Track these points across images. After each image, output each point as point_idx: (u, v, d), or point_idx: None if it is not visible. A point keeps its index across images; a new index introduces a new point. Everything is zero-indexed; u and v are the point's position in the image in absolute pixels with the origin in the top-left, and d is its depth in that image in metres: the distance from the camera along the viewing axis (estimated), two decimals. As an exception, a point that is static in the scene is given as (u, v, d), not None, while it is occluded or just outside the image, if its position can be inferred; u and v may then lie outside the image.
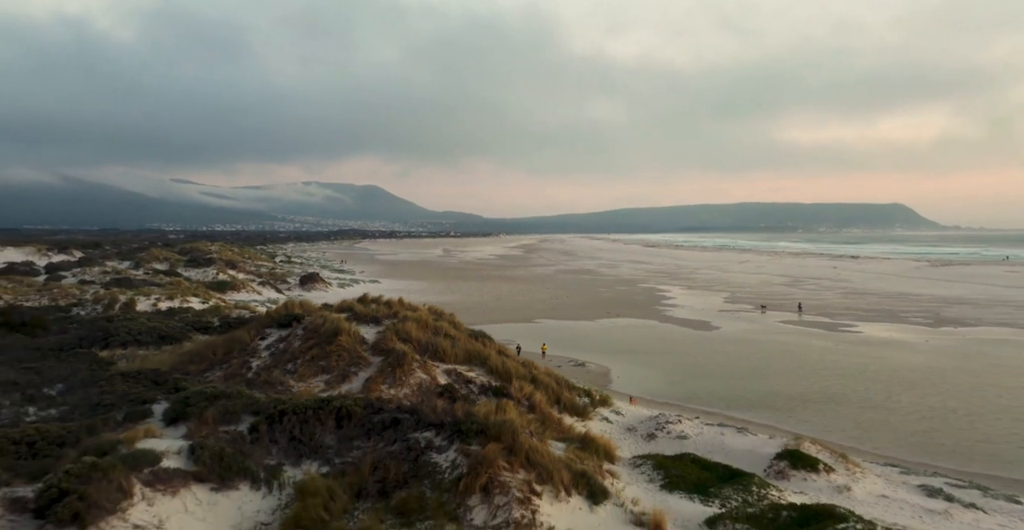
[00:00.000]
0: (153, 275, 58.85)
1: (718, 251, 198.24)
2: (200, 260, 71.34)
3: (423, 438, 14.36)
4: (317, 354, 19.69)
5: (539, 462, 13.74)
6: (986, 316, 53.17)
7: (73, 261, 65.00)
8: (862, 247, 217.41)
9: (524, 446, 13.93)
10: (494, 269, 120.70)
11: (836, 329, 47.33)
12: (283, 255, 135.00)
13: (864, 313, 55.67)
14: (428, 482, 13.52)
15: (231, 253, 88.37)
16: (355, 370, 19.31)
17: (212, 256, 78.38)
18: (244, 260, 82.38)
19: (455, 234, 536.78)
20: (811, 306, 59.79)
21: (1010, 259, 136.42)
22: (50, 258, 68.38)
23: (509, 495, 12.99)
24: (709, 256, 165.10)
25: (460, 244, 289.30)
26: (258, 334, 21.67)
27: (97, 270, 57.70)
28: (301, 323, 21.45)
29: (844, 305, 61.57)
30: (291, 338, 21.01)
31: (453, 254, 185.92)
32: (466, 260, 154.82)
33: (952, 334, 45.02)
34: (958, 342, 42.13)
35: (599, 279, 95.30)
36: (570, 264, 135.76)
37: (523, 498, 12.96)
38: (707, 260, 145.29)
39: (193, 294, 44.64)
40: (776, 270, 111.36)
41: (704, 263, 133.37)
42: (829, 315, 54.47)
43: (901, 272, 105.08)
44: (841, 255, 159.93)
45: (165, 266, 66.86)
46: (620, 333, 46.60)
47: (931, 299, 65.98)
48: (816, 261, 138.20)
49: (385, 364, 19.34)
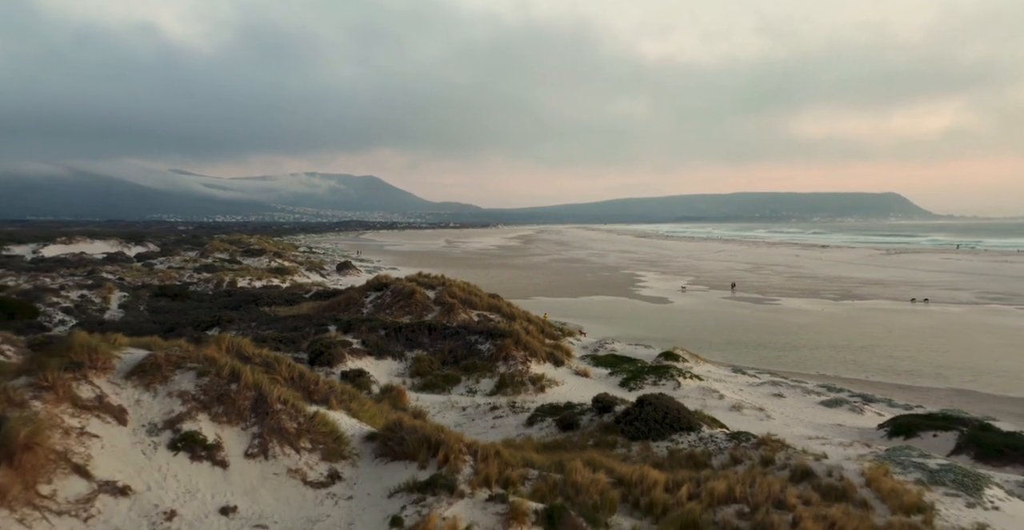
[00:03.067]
0: (220, 263, 72.92)
1: (702, 241, 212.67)
2: (253, 251, 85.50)
3: (473, 338, 28.69)
4: (402, 305, 33.98)
5: (530, 347, 28.08)
6: (883, 293, 67.59)
7: (156, 251, 79.02)
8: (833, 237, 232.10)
9: (523, 340, 28.28)
10: (495, 258, 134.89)
11: (761, 302, 61.70)
12: (304, 246, 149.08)
13: (792, 291, 70.07)
14: (476, 357, 27.87)
15: (267, 244, 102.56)
16: (426, 313, 33.59)
17: (254, 247, 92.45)
18: (283, 251, 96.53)
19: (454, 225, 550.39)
20: (753, 287, 74.17)
21: (960, 247, 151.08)
22: (131, 249, 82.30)
23: (515, 361, 27.34)
24: (691, 246, 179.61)
25: (460, 235, 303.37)
26: (363, 294, 35.95)
27: (178, 259, 71.80)
28: (389, 288, 35.75)
29: (781, 285, 75.98)
30: (384, 296, 35.29)
31: (456, 245, 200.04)
32: (468, 250, 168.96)
33: (846, 305, 59.38)
34: (846, 310, 56.48)
35: (587, 266, 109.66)
36: (563, 253, 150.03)
37: (522, 362, 27.32)
38: (688, 250, 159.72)
39: (270, 277, 58.80)
40: (745, 258, 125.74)
41: (684, 253, 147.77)
42: (762, 292, 68.87)
43: (854, 260, 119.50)
44: (812, 245, 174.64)
45: (226, 256, 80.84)
46: (596, 306, 60.86)
47: (855, 281, 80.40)
48: (787, 250, 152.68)
49: (442, 310, 33.64)
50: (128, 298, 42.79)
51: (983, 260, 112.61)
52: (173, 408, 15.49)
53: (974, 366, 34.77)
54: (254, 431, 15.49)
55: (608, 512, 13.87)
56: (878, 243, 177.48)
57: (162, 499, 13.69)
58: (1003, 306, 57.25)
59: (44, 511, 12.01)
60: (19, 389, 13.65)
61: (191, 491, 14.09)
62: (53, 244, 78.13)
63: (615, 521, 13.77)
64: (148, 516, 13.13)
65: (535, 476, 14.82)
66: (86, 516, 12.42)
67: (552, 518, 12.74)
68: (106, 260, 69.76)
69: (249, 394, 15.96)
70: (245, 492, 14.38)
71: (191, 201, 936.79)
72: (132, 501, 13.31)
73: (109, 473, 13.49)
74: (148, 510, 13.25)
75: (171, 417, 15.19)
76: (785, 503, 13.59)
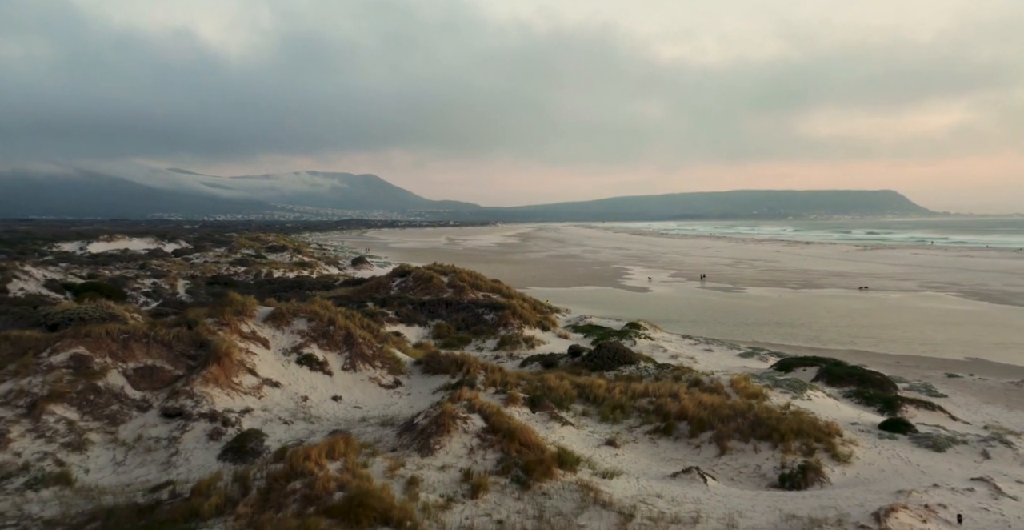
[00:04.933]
0: (250, 258, 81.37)
1: (694, 239, 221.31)
2: (275, 247, 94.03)
3: (480, 310, 37.27)
4: (423, 287, 42.54)
5: (524, 317, 36.67)
6: (840, 283, 76.20)
7: (190, 248, 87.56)
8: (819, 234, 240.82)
9: (519, 312, 36.88)
10: (495, 255, 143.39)
11: (729, 291, 70.29)
12: (315, 244, 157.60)
13: (760, 282, 78.66)
14: (482, 324, 36.49)
15: (286, 241, 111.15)
16: (442, 293, 42.15)
17: (275, 244, 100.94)
18: (301, 247, 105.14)
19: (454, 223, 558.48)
20: (727, 278, 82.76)
21: (933, 243, 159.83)
22: (166, 246, 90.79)
23: (512, 326, 35.95)
24: (681, 243, 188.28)
25: (460, 233, 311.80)
26: (390, 279, 44.53)
27: (211, 254, 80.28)
28: (411, 274, 44.31)
29: (752, 277, 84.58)
30: (407, 281, 43.86)
31: (457, 242, 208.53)
32: (469, 247, 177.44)
33: (803, 293, 67.96)
34: (801, 297, 65.07)
35: (580, 262, 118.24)
36: (559, 250, 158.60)
37: (517, 327, 35.93)
38: (678, 246, 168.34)
39: (299, 269, 67.32)
40: (729, 254, 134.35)
41: (673, 249, 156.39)
42: (733, 283, 77.48)
43: (829, 255, 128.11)
44: (797, 241, 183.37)
45: (252, 251, 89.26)
46: (584, 294, 69.41)
47: (820, 273, 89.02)
48: (770, 246, 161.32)
49: (455, 291, 42.22)
50: (189, 285, 51.20)
51: (946, 255, 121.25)
52: (295, 340, 24.50)
53: (880, 336, 43.38)
54: (346, 355, 24.43)
55: (569, 401, 22.70)
56: (858, 240, 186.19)
57: (297, 390, 22.76)
58: (936, 293, 65.87)
59: (237, 391, 21.09)
60: (210, 324, 22.65)
61: (313, 387, 23.10)
62: (97, 242, 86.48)
63: (573, 405, 22.63)
64: (292, 398, 22.15)
65: (524, 383, 23.58)
66: (259, 396, 21.43)
67: (534, 401, 21.61)
68: (149, 255, 78.25)
69: (341, 333, 24.80)
70: (345, 389, 23.41)
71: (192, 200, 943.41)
72: (282, 390, 22.37)
73: (266, 374, 22.53)
74: (291, 395, 22.26)
75: (295, 345, 24.18)
76: (678, 395, 22.31)
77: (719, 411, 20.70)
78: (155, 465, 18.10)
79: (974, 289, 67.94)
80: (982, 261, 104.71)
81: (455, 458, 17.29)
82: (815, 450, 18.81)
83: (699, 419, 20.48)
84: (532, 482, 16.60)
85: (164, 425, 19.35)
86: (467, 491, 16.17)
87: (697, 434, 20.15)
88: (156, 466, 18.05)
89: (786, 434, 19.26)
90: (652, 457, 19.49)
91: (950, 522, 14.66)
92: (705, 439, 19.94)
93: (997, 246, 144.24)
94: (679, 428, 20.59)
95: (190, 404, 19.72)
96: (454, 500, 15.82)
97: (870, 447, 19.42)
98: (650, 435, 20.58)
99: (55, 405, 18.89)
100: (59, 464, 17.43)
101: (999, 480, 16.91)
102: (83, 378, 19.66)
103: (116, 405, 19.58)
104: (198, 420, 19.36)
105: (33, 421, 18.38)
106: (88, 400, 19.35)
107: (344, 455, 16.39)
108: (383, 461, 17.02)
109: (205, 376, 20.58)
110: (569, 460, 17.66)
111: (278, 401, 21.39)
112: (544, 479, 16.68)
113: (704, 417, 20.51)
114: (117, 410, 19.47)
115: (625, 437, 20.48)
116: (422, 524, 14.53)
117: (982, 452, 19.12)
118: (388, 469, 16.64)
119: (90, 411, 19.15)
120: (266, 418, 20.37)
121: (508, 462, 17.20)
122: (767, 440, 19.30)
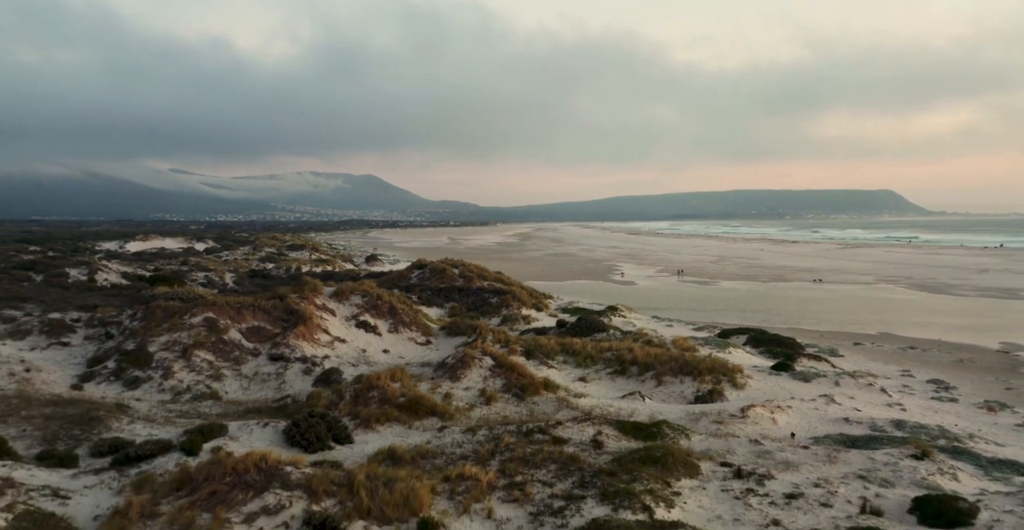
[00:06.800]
0: (274, 255, 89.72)
1: (687, 238, 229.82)
2: (295, 246, 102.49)
3: (486, 295, 45.78)
4: (438, 277, 50.99)
5: (522, 300, 45.19)
6: (806, 277, 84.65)
7: (218, 247, 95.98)
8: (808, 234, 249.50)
9: (518, 296, 45.39)
10: (495, 253, 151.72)
11: (706, 284, 78.72)
12: (325, 243, 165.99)
13: (736, 276, 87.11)
14: (487, 306, 45.04)
15: (302, 241, 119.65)
16: (454, 282, 50.63)
17: (292, 243, 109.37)
18: (317, 246, 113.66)
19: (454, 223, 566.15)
20: (707, 273, 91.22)
21: (913, 242, 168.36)
22: (196, 244, 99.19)
23: (512, 308, 44.47)
24: (674, 242, 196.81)
25: (461, 233, 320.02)
26: (410, 271, 53.02)
27: (239, 252, 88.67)
28: (428, 267, 52.77)
29: (731, 272, 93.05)
30: (425, 272, 52.33)
31: (458, 242, 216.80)
32: (471, 246, 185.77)
33: (771, 285, 76.37)
34: (767, 288, 73.50)
35: (575, 259, 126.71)
36: (557, 249, 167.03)
37: (516, 308, 44.46)
38: (669, 245, 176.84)
39: (324, 265, 75.73)
40: (716, 252, 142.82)
41: (665, 247, 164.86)
42: (711, 277, 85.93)
43: (810, 253, 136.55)
44: (784, 240, 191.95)
45: (274, 250, 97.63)
46: (576, 287, 77.79)
47: (793, 269, 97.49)
48: (756, 245, 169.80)
49: (464, 280, 50.68)
50: (235, 277, 59.51)
51: (918, 252, 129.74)
52: (353, 310, 33.12)
53: (821, 317, 51.81)
54: (391, 321, 33.07)
55: (554, 353, 31.16)
56: (839, 239, 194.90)
57: (358, 345, 31.43)
58: (887, 285, 74.33)
59: (317, 344, 29.80)
60: (295, 298, 31.29)
61: (368, 343, 31.76)
62: (133, 241, 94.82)
63: (556, 356, 31.10)
64: (354, 350, 30.80)
65: (522, 342, 32.04)
66: (332, 348, 30.10)
67: (528, 352, 30.13)
68: (184, 253, 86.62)
69: (386, 305, 33.43)
70: (391, 345, 32.07)
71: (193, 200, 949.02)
72: (347, 344, 30.99)
73: (336, 333, 31.18)
74: (354, 348, 30.91)
75: (353, 314, 32.79)
76: (632, 349, 30.76)
77: (660, 358, 29.18)
78: (270, 390, 26.57)
79: (922, 282, 76.41)
80: (945, 258, 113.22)
81: (474, 382, 25.79)
82: (721, 381, 27.28)
83: (645, 363, 28.96)
84: (526, 397, 25.15)
85: (271, 365, 27.83)
86: (483, 401, 24.71)
87: (643, 373, 28.63)
88: (271, 390, 26.53)
89: (703, 372, 27.73)
90: (610, 388, 27.96)
91: (788, 413, 23.19)
92: (649, 376, 28.41)
93: (970, 244, 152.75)
94: (631, 370, 29.06)
95: (287, 351, 28.19)
96: (475, 405, 24.36)
97: (761, 380, 27.92)
98: (610, 374, 29.07)
99: (198, 351, 27.37)
100: (208, 387, 25.92)
101: (836, 396, 25.45)
102: (214, 333, 28.13)
103: (237, 352, 28.06)
104: (294, 362, 27.83)
105: (186, 361, 26.85)
106: (219, 348, 27.82)
107: (401, 379, 24.92)
108: (426, 384, 25.59)
109: (296, 333, 29.07)
110: (552, 386, 26.22)
111: (345, 351, 29.87)
112: (534, 395, 25.22)
113: (649, 362, 28.98)
114: (238, 355, 27.94)
115: (593, 376, 28.97)
116: (456, 416, 23.04)
117: (834, 382, 27.65)
118: (430, 388, 25.19)
119: (221, 355, 27.63)
120: (339, 362, 28.82)
121: (510, 385, 25.74)
122: (690, 375, 27.79)
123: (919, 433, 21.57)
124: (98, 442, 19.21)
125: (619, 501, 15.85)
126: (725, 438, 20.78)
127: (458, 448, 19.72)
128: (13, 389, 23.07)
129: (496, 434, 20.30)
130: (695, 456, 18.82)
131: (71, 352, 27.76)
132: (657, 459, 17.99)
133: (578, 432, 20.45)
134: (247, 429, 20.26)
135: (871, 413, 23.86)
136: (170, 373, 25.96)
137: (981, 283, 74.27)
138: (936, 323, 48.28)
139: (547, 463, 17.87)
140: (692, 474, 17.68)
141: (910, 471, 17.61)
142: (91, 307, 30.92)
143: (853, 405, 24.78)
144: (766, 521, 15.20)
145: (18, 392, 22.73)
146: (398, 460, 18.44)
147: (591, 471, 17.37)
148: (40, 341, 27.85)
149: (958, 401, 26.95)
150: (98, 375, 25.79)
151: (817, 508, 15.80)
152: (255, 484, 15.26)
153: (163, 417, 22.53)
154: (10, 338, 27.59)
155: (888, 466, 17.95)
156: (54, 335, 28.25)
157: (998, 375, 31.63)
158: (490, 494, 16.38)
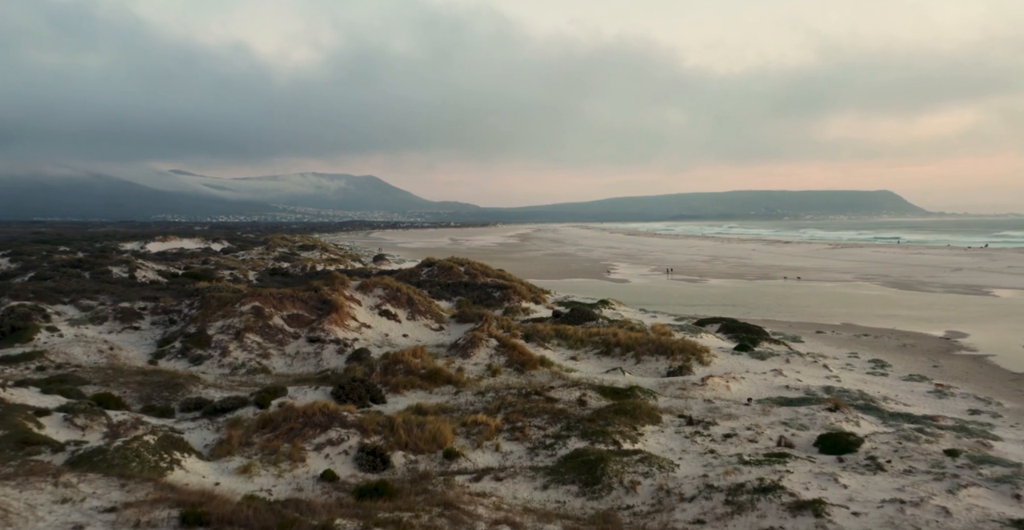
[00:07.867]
0: (287, 255, 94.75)
1: (683, 238, 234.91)
2: (306, 246, 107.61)
3: (489, 290, 50.85)
4: (446, 274, 56.03)
5: (522, 294, 50.27)
6: (790, 275, 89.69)
7: (234, 247, 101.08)
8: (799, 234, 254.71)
9: (518, 290, 50.47)
10: (496, 253, 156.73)
11: (695, 281, 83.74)
12: (331, 244, 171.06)
13: (724, 274, 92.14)
14: (491, 299, 50.11)
15: (312, 241, 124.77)
16: (460, 278, 55.67)
17: (303, 243, 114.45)
18: (326, 246, 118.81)
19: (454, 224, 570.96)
20: (697, 271, 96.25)
21: (900, 242, 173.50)
22: (212, 245, 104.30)
23: (513, 301, 49.55)
24: (669, 242, 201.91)
25: (462, 234, 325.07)
26: (420, 269, 58.09)
27: (254, 252, 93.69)
28: (436, 264, 57.83)
29: (720, 271, 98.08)
30: (433, 269, 57.38)
31: (460, 242, 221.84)
32: (472, 246, 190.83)
33: (755, 283, 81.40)
34: (752, 285, 78.50)
35: (573, 259, 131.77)
36: (556, 249, 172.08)
37: (517, 301, 49.53)
38: (665, 245, 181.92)
39: (336, 264, 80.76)
40: (709, 252, 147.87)
41: (660, 248, 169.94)
42: (700, 275, 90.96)
43: (800, 253, 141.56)
44: (777, 241, 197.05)
45: (287, 250, 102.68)
46: (573, 284, 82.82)
47: (781, 268, 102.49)
48: (751, 245, 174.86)
49: (470, 276, 55.73)
50: (256, 275, 64.52)
51: (904, 252, 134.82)
52: (376, 301, 38.26)
53: (794, 311, 56.81)
54: (409, 310, 38.20)
55: (549, 338, 36.16)
56: (831, 239, 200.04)
57: (381, 330, 36.68)
58: (863, 283, 79.37)
59: (347, 329, 35.14)
60: (327, 290, 36.49)
61: (390, 329, 36.96)
62: (153, 242, 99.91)
63: (552, 340, 36.11)
64: (379, 334, 36.08)
65: (520, 327, 37.04)
66: (360, 332, 35.40)
67: (527, 336, 35.28)
68: (203, 253, 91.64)
69: (405, 296, 38.53)
70: (409, 330, 37.25)
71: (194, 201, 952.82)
72: (372, 329, 36.19)
73: (362, 320, 36.45)
74: (378, 332, 36.17)
75: (377, 303, 37.93)
76: (617, 334, 35.80)
77: (640, 341, 34.21)
78: (310, 366, 31.60)
79: (897, 280, 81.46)
80: (926, 258, 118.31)
81: (482, 359, 30.81)
82: (691, 359, 32.30)
83: (627, 345, 33.99)
84: (525, 370, 30.18)
85: (310, 346, 32.85)
86: (490, 373, 29.72)
87: (625, 353, 33.66)
88: (311, 366, 31.57)
89: (675, 351, 32.75)
90: (597, 365, 32.98)
91: (740, 382, 28.23)
92: (630, 355, 33.44)
93: (956, 244, 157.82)
94: (615, 351, 34.08)
95: (323, 335, 33.23)
96: (483, 377, 29.38)
97: (724, 358, 32.97)
98: (597, 355, 34.09)
99: (249, 334, 32.41)
100: (259, 364, 30.96)
101: (784, 371, 30.50)
102: (261, 319, 33.18)
103: (280, 335, 33.10)
104: (329, 343, 32.86)
105: (239, 342, 31.89)
106: (265, 332, 32.86)
107: (421, 355, 29.97)
108: (442, 360, 30.64)
109: (329, 320, 34.11)
110: (547, 362, 31.27)
111: (371, 335, 34.92)
112: (532, 369, 30.25)
113: (630, 344, 34.00)
114: (281, 338, 32.98)
115: (582, 356, 34.01)
116: (467, 384, 28.07)
117: (786, 360, 32.73)
118: (445, 363, 30.23)
119: (267, 337, 32.67)
120: (366, 344, 33.84)
121: (512, 361, 30.79)
122: (664, 354, 32.80)
123: (842, 396, 26.62)
124: (186, 400, 24.25)
125: (595, 438, 20.93)
126: (685, 399, 25.85)
127: (471, 406, 24.79)
128: (105, 362, 28.12)
129: (501, 396, 25.38)
130: (659, 411, 23.88)
131: (142, 335, 32.82)
132: (628, 411, 23.05)
133: (567, 394, 25.53)
134: (302, 391, 25.33)
135: (809, 382, 28.91)
136: (227, 352, 31.00)
137: (951, 280, 79.32)
138: (897, 315, 53.29)
139: (541, 414, 22.93)
140: (654, 422, 22.74)
141: (823, 419, 22.67)
142: (154, 298, 35.95)
143: (797, 377, 29.82)
144: (705, 451, 20.26)
145: (110, 364, 27.77)
146: (424, 413, 23.47)
147: (575, 419, 22.44)
148: (115, 326, 32.89)
149: (887, 375, 32.01)
150: (168, 353, 30.84)
151: (746, 443, 20.87)
152: (321, 423, 20.33)
153: (228, 385, 27.57)
154: (91, 323, 32.67)
155: (807, 416, 23.01)
156: (126, 321, 33.30)
157: (931, 356, 36.65)
158: (497, 434, 21.46)
